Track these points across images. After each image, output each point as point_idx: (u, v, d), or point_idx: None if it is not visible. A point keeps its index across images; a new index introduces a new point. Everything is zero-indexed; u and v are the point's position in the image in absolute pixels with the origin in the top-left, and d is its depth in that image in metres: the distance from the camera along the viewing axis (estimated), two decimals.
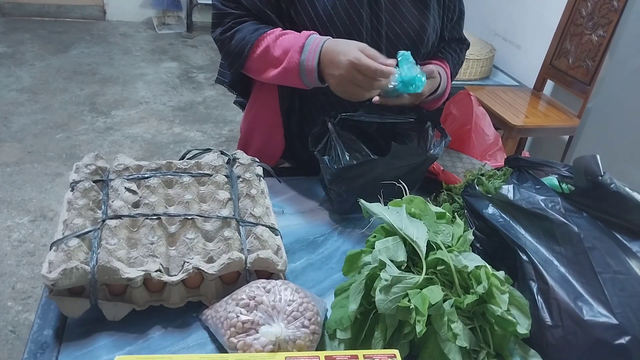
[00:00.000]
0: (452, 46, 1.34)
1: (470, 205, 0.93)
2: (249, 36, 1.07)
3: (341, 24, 1.09)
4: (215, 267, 0.81)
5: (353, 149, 1.05)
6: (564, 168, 0.87)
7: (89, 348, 0.76)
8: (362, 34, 1.11)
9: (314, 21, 1.09)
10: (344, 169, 1.02)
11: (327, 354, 0.70)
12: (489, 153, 1.37)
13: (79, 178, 0.94)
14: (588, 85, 2.40)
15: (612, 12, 2.29)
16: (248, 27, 1.09)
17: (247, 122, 1.32)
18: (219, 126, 3.45)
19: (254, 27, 1.09)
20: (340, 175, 1.02)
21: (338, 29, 1.09)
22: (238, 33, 1.09)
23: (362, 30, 1.10)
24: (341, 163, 1.02)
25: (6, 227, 2.38)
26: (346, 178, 1.03)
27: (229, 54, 1.11)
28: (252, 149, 1.31)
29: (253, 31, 1.08)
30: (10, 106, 3.35)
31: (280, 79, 1.08)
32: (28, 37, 4.38)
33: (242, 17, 1.10)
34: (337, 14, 1.08)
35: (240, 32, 1.09)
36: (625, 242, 0.77)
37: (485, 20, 3.35)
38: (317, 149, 1.08)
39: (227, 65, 1.15)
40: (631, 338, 0.69)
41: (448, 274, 0.76)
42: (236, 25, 1.10)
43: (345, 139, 1.06)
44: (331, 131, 1.06)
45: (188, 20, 4.86)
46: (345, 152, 1.03)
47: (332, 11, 1.08)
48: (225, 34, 1.10)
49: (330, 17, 1.08)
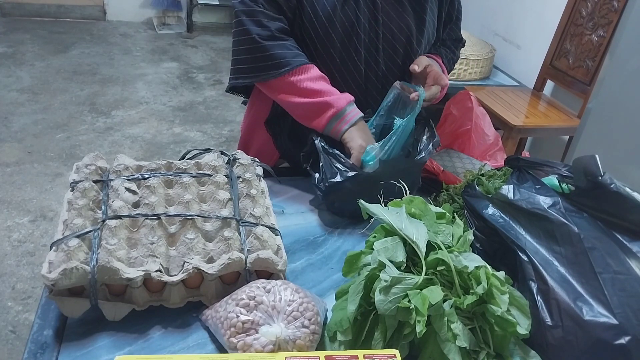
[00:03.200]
0: (446, 44, 1.36)
1: (470, 206, 0.93)
2: (291, 58, 1.07)
3: (340, 26, 1.11)
4: (215, 267, 0.81)
5: (340, 165, 1.05)
6: (564, 168, 0.87)
7: (89, 348, 0.76)
8: (359, 35, 1.12)
9: (314, 23, 1.10)
10: (331, 186, 1.03)
11: (327, 354, 0.70)
12: (489, 153, 1.37)
13: (79, 178, 0.94)
14: (588, 85, 2.39)
15: (612, 12, 2.29)
16: (290, 47, 1.08)
17: (247, 122, 1.33)
18: (219, 126, 3.45)
19: (297, 50, 1.09)
20: (330, 191, 1.05)
21: (337, 30, 1.11)
22: (279, 49, 1.07)
23: (360, 31, 1.12)
24: (327, 181, 1.04)
25: (6, 227, 2.38)
26: (336, 192, 1.05)
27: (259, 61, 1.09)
28: (252, 148, 1.32)
29: (295, 55, 1.08)
30: (10, 106, 3.35)
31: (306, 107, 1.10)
32: (28, 37, 4.37)
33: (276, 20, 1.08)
34: (336, 15, 1.10)
35: (282, 48, 1.07)
36: (625, 242, 0.77)
37: (485, 20, 3.35)
38: (308, 165, 1.12)
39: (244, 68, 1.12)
40: (631, 338, 0.69)
41: (448, 274, 0.76)
42: (279, 36, 1.08)
43: (331, 155, 1.07)
44: (318, 149, 1.08)
45: (188, 20, 4.86)
46: (333, 169, 1.04)
47: (332, 13, 1.09)
48: (266, 42, 1.07)
49: (330, 18, 1.10)
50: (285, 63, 1.07)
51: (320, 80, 1.10)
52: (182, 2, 4.88)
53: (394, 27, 1.14)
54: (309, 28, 1.11)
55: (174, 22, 4.99)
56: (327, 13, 1.09)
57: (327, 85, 1.11)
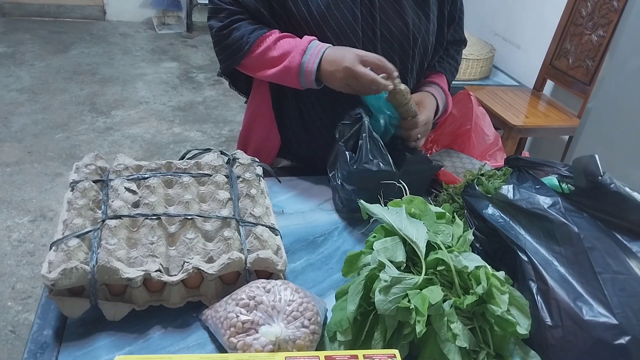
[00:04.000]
0: (449, 53, 1.34)
1: (470, 205, 0.93)
2: (247, 36, 1.09)
3: (335, 24, 1.09)
4: (215, 267, 0.81)
5: (378, 154, 1.05)
6: (564, 168, 0.86)
7: (89, 348, 0.76)
8: (357, 34, 1.11)
9: (308, 21, 1.09)
10: (363, 171, 1.03)
11: (327, 354, 0.70)
12: (489, 153, 1.37)
13: (79, 178, 0.94)
14: (588, 85, 2.39)
15: (612, 12, 2.29)
16: (246, 26, 1.11)
17: (247, 119, 1.33)
18: (219, 126, 3.45)
19: (252, 27, 1.11)
20: (356, 176, 1.04)
21: (332, 29, 1.10)
22: (236, 31, 1.11)
23: (358, 30, 1.11)
24: (362, 165, 1.03)
25: (6, 227, 2.38)
26: (360, 179, 1.04)
27: (225, 50, 1.13)
28: (250, 145, 1.32)
29: (252, 31, 1.10)
30: (10, 106, 3.35)
31: (278, 77, 1.11)
32: (28, 37, 4.37)
33: (237, 14, 1.12)
34: (331, 14, 1.09)
35: (238, 30, 1.11)
36: (625, 242, 0.77)
37: (485, 20, 3.35)
38: (342, 140, 1.08)
39: (220, 59, 1.16)
40: (631, 338, 0.69)
41: (448, 274, 0.76)
42: (233, 23, 1.11)
43: (374, 141, 1.05)
44: (364, 129, 1.06)
45: (188, 20, 4.86)
46: (369, 156, 1.04)
47: (326, 11, 1.09)
48: (223, 31, 1.12)
49: (324, 17, 1.09)
50: (244, 42, 1.09)
51: (278, 43, 1.10)
52: (182, 2, 4.87)
53: (392, 26, 1.14)
54: (302, 25, 1.10)
55: (173, 22, 4.99)
56: (320, 11, 1.09)
57: (286, 44, 1.09)
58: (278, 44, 1.09)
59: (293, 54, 1.07)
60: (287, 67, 1.07)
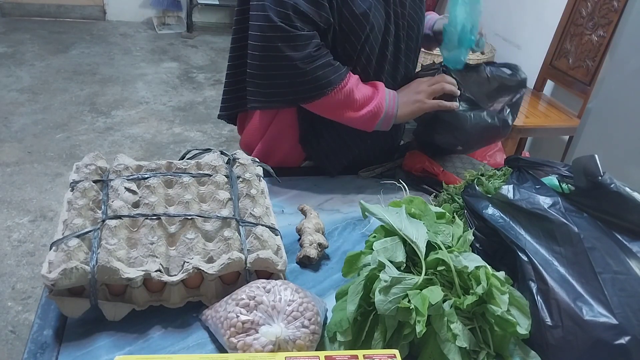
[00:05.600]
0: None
1: (470, 206, 0.93)
2: (333, 77, 1.08)
3: (376, 24, 1.12)
4: (215, 267, 0.81)
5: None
6: (564, 168, 0.87)
7: (89, 348, 0.76)
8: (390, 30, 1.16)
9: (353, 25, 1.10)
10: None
11: (327, 354, 0.70)
12: (489, 153, 1.37)
13: (79, 178, 0.93)
14: (588, 85, 2.39)
15: (612, 12, 2.29)
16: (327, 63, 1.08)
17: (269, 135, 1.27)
18: (219, 126, 3.45)
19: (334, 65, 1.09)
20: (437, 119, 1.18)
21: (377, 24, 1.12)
22: (320, 69, 1.07)
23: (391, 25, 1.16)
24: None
25: (6, 227, 2.38)
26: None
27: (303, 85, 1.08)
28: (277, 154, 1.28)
29: (334, 72, 1.09)
30: (10, 106, 3.35)
31: (354, 121, 1.15)
32: (28, 37, 4.37)
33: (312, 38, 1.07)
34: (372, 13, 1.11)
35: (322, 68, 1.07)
36: (625, 242, 0.77)
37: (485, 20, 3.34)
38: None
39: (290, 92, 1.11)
40: (631, 338, 0.69)
41: (448, 274, 0.76)
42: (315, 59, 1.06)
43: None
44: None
45: (188, 20, 4.85)
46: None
47: (368, 11, 1.10)
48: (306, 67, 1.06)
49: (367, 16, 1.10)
50: (327, 84, 1.08)
51: (357, 87, 1.12)
52: (182, 2, 4.87)
53: (408, 16, 1.20)
54: (347, 32, 1.10)
55: (173, 22, 4.99)
56: (364, 12, 1.09)
57: (365, 89, 1.14)
58: (357, 89, 1.12)
59: (376, 102, 1.13)
60: (373, 112, 1.13)
